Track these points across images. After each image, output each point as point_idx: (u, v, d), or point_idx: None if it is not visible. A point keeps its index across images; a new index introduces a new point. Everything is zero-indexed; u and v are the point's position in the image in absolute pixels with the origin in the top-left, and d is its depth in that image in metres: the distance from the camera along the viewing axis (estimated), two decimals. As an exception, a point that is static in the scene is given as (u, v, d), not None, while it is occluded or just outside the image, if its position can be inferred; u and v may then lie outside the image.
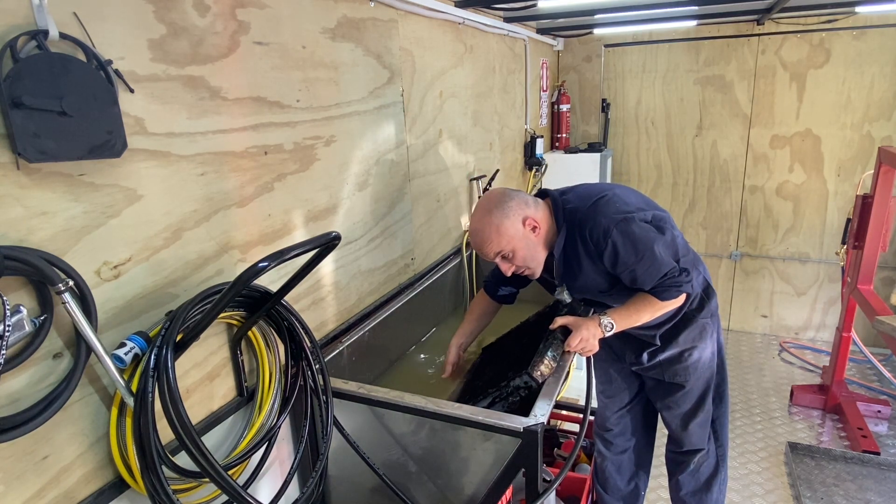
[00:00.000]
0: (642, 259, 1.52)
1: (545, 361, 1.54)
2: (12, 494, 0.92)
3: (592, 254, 1.58)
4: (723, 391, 1.98)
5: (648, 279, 1.55)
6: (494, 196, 1.61)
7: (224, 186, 1.27)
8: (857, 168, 3.68)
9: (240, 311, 1.28)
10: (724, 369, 1.97)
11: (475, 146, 2.77)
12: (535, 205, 1.63)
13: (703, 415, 1.94)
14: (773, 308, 4.16)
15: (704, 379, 1.89)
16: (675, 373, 1.87)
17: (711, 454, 2.04)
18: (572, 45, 4.12)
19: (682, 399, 1.92)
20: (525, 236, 1.57)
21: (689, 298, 1.74)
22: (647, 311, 1.61)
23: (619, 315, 1.60)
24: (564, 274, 1.68)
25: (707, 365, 1.87)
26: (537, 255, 1.61)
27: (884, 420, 3.09)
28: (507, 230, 1.55)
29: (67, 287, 0.91)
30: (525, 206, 1.59)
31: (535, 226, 1.58)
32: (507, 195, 1.60)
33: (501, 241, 1.55)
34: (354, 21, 1.72)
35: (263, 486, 1.45)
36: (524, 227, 1.57)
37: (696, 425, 1.95)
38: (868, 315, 2.72)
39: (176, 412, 1.00)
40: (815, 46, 3.56)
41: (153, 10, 1.07)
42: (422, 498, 1.51)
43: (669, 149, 4.11)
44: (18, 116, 0.84)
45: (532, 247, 1.59)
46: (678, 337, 1.80)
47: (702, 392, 1.91)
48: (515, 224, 1.55)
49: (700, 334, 1.82)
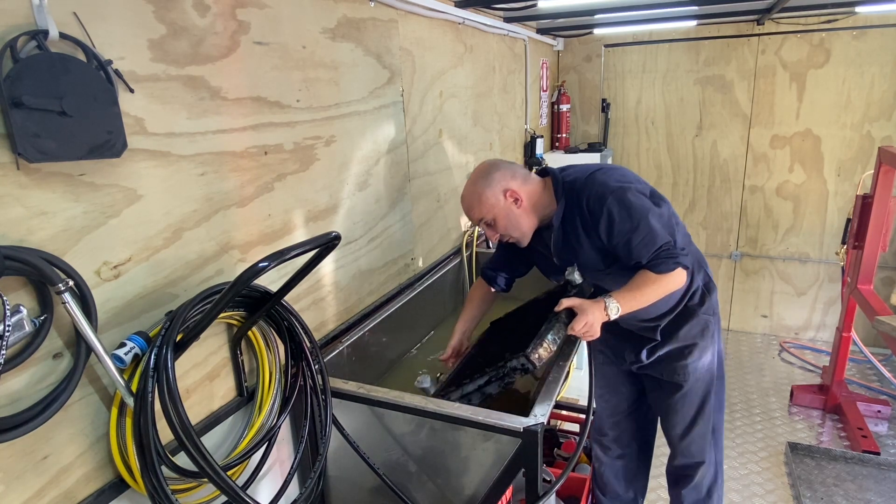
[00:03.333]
0: (637, 228, 1.51)
1: (544, 345, 1.52)
2: (12, 494, 0.92)
3: (589, 227, 1.59)
4: (722, 399, 1.96)
5: (644, 251, 1.53)
6: (483, 167, 1.69)
7: (224, 186, 1.27)
8: (857, 168, 3.68)
9: (240, 311, 1.28)
10: (723, 377, 1.93)
11: (475, 146, 2.77)
12: (525, 178, 1.67)
13: (704, 423, 1.91)
14: (773, 308, 4.16)
15: (705, 383, 1.86)
16: (673, 370, 1.84)
17: (711, 463, 2.01)
18: (572, 45, 4.12)
19: (681, 403, 1.89)
20: (506, 206, 1.63)
21: (690, 289, 1.73)
22: (648, 289, 1.56)
23: (623, 297, 1.56)
24: (563, 249, 1.68)
25: (707, 368, 1.85)
26: (520, 225, 1.66)
27: (884, 420, 3.09)
28: (487, 199, 1.62)
29: (67, 287, 0.91)
30: (510, 178, 1.64)
31: (516, 198, 1.63)
32: (494, 167, 1.66)
33: (482, 208, 1.64)
34: (354, 21, 1.72)
35: (263, 486, 1.45)
36: (505, 199, 1.63)
37: (697, 435, 1.92)
38: (868, 315, 2.72)
39: (175, 412, 1.00)
40: (815, 46, 3.56)
41: (153, 10, 1.07)
42: (422, 498, 1.51)
43: (669, 149, 4.11)
44: (18, 116, 0.84)
45: (513, 216, 1.64)
46: (679, 332, 1.79)
47: (702, 398, 1.87)
48: (496, 194, 1.62)
49: (702, 332, 1.79)
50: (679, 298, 1.75)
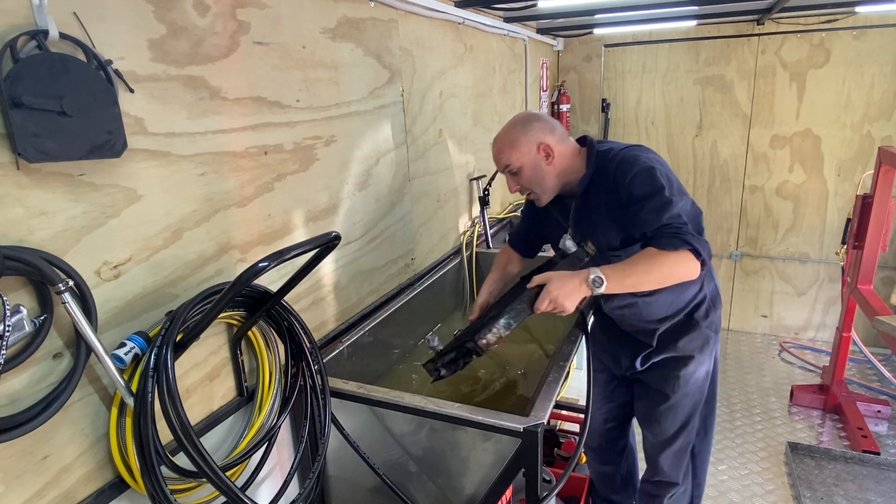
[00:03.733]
0: (655, 194, 1.42)
1: (494, 330, 1.43)
2: (12, 494, 0.92)
3: (613, 199, 1.52)
4: (709, 424, 1.88)
5: (654, 217, 1.41)
6: (523, 114, 1.67)
7: (224, 186, 1.27)
8: (857, 168, 3.68)
9: (240, 311, 1.28)
10: (713, 400, 1.87)
11: (475, 146, 2.77)
12: (562, 137, 1.64)
13: (682, 442, 1.83)
14: (773, 308, 4.16)
15: (692, 400, 1.79)
16: (664, 379, 1.77)
17: (687, 493, 1.93)
18: (572, 45, 4.12)
19: (664, 415, 1.81)
20: (535, 159, 1.60)
21: (697, 297, 1.67)
22: (645, 266, 1.37)
23: (613, 271, 1.37)
24: (581, 221, 1.64)
25: (698, 385, 1.78)
26: (544, 182, 1.63)
27: (884, 420, 3.09)
28: (520, 147, 1.59)
29: (67, 287, 0.91)
30: (548, 132, 1.61)
31: (549, 153, 1.60)
32: (535, 117, 1.64)
33: (512, 155, 1.61)
34: (354, 21, 1.72)
35: (263, 486, 1.45)
36: (538, 151, 1.59)
37: (672, 452, 1.84)
38: (868, 315, 2.72)
39: (175, 412, 1.00)
40: (815, 46, 3.56)
41: (153, 10, 1.07)
42: (422, 498, 1.51)
43: (669, 149, 4.11)
44: (18, 116, 0.84)
45: (540, 171, 1.61)
46: (678, 342, 1.71)
47: (686, 415, 1.80)
48: (530, 144, 1.59)
49: (701, 346, 1.72)
50: (685, 304, 1.68)
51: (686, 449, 1.86)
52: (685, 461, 1.88)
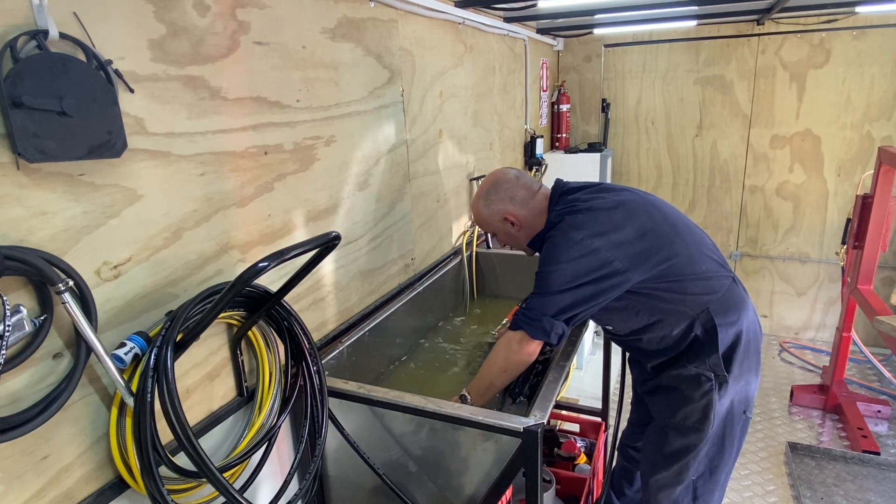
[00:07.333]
0: (539, 274, 1.51)
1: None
2: (12, 494, 0.92)
3: None
4: (716, 465, 1.69)
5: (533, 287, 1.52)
6: (487, 183, 1.74)
7: (224, 186, 1.27)
8: (857, 168, 3.68)
9: (240, 311, 1.28)
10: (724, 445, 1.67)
11: (475, 146, 2.77)
12: (524, 201, 1.68)
13: (674, 477, 1.69)
14: (773, 308, 4.16)
15: (681, 441, 1.65)
16: (658, 406, 1.72)
17: None
18: (572, 45, 4.12)
19: (648, 440, 1.76)
20: (503, 227, 1.72)
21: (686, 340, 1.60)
22: (494, 366, 1.53)
23: (474, 384, 1.56)
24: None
25: (690, 427, 1.63)
26: (518, 242, 1.76)
27: (884, 420, 3.09)
28: (486, 218, 1.74)
29: (67, 287, 0.91)
30: (507, 202, 1.69)
31: (513, 221, 1.70)
32: (496, 186, 1.71)
33: (483, 224, 1.78)
34: (354, 21, 1.72)
35: (263, 487, 1.45)
36: (503, 222, 1.71)
37: (665, 481, 1.71)
38: (868, 315, 2.72)
39: (174, 413, 1.00)
40: (815, 46, 3.56)
41: (153, 10, 1.07)
42: (422, 498, 1.51)
43: (669, 149, 4.11)
44: (18, 116, 0.84)
45: (511, 236, 1.74)
46: (668, 373, 1.65)
47: (673, 451, 1.67)
48: (494, 215, 1.72)
49: (689, 383, 1.60)
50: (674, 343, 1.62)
51: (680, 486, 1.72)
52: (677, 497, 1.74)
